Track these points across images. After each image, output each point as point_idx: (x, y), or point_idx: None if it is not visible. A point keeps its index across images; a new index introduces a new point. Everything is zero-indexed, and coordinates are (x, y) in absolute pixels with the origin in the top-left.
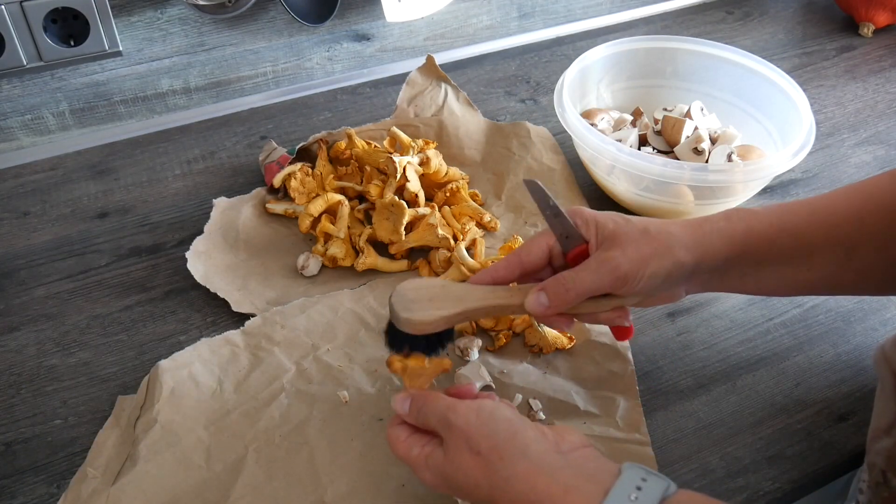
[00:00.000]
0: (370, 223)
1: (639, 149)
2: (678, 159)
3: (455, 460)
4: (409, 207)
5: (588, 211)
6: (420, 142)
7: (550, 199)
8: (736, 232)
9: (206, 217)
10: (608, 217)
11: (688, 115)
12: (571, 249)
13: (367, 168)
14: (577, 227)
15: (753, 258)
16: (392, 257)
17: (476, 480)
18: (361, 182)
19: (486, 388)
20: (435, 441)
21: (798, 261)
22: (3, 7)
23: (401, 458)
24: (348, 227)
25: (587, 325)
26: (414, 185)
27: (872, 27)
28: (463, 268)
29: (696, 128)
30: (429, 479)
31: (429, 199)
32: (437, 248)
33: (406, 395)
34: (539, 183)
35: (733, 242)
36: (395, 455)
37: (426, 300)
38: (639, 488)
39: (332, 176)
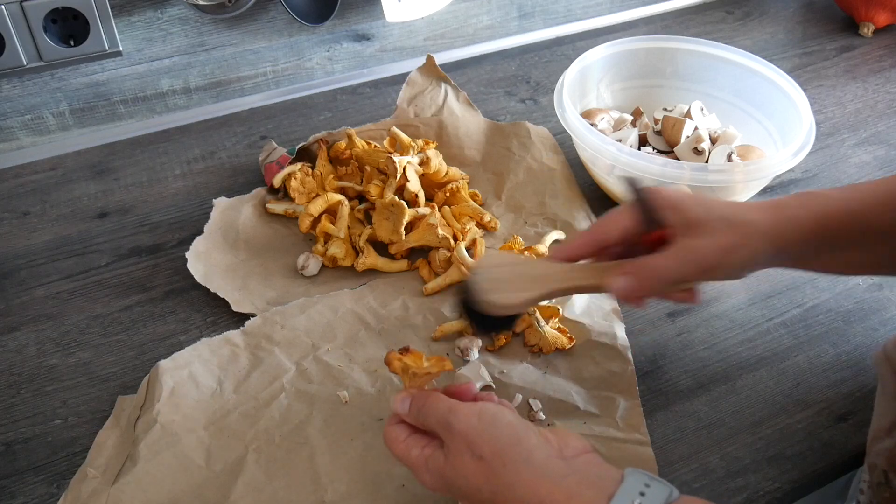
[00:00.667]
0: (370, 223)
1: (639, 149)
2: (678, 159)
3: (456, 464)
4: (409, 207)
5: (671, 193)
6: (420, 142)
7: (640, 183)
8: (812, 219)
9: (206, 217)
10: (692, 202)
11: (688, 115)
12: (652, 232)
13: (367, 168)
14: (659, 209)
15: (826, 244)
16: (392, 257)
17: (478, 485)
18: (361, 182)
19: (486, 388)
20: (435, 443)
21: (867, 244)
22: (3, 7)
23: (399, 459)
24: (348, 227)
25: (587, 325)
26: (414, 185)
27: (872, 27)
28: (463, 268)
29: (696, 128)
30: (429, 481)
31: (429, 199)
32: (437, 248)
33: (406, 395)
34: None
35: (809, 230)
36: (394, 455)
37: (507, 281)
38: (642, 494)
39: (332, 176)
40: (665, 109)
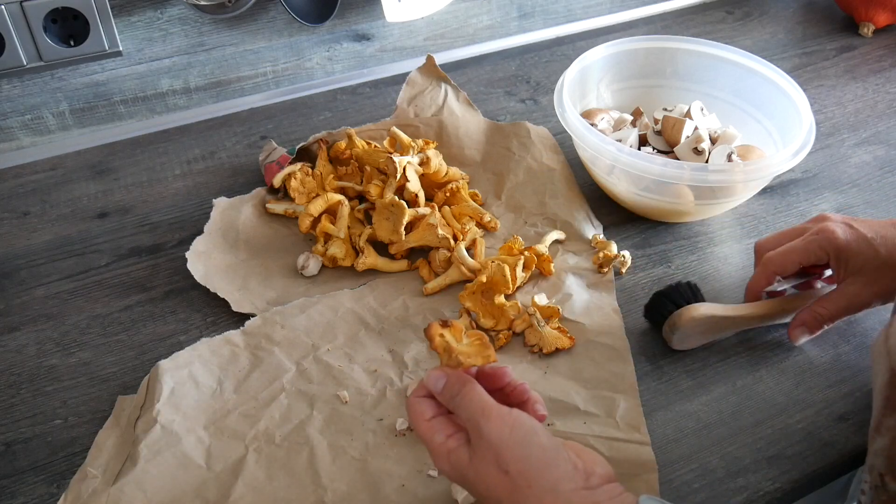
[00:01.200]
0: (370, 223)
1: (639, 149)
2: (678, 159)
3: (480, 470)
4: (409, 207)
5: (839, 240)
6: (420, 142)
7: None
8: None
9: (206, 217)
10: (856, 250)
11: (688, 115)
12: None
13: (367, 168)
14: (824, 255)
15: None
16: (392, 257)
17: (498, 497)
18: (361, 182)
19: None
20: (461, 435)
21: None
22: (3, 7)
23: (418, 435)
24: (348, 227)
25: (587, 325)
26: (414, 185)
27: (872, 27)
28: (463, 268)
29: (696, 128)
30: (446, 470)
31: (429, 199)
32: (437, 248)
33: (442, 374)
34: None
35: None
36: (413, 428)
37: (699, 334)
38: None
39: (332, 176)
40: (665, 109)
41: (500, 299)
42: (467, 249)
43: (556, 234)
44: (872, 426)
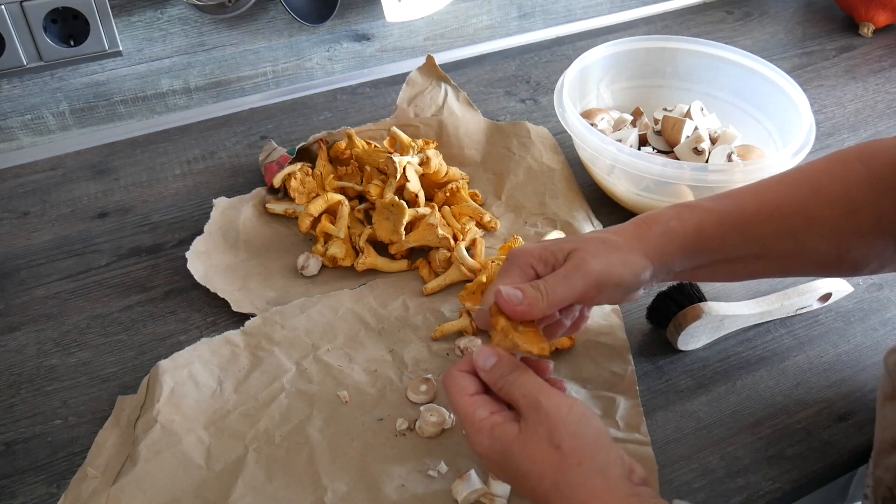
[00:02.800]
0: (370, 223)
1: (639, 149)
2: (678, 159)
3: (529, 444)
4: (409, 207)
5: (532, 248)
6: (420, 142)
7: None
8: (687, 233)
9: (206, 217)
10: (564, 241)
11: (688, 115)
12: None
13: (367, 168)
14: (526, 266)
15: (705, 255)
16: (392, 257)
17: (542, 472)
18: (361, 182)
19: None
20: (508, 414)
21: (750, 253)
22: (3, 7)
23: (457, 410)
24: (348, 227)
25: (587, 325)
26: (414, 185)
27: (872, 27)
28: (463, 268)
29: (696, 128)
30: (485, 446)
31: (429, 199)
32: (437, 248)
33: (493, 352)
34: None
35: (685, 243)
36: (452, 403)
37: (704, 333)
38: None
39: (332, 176)
40: (665, 109)
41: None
42: (467, 249)
43: (556, 234)
44: (882, 439)
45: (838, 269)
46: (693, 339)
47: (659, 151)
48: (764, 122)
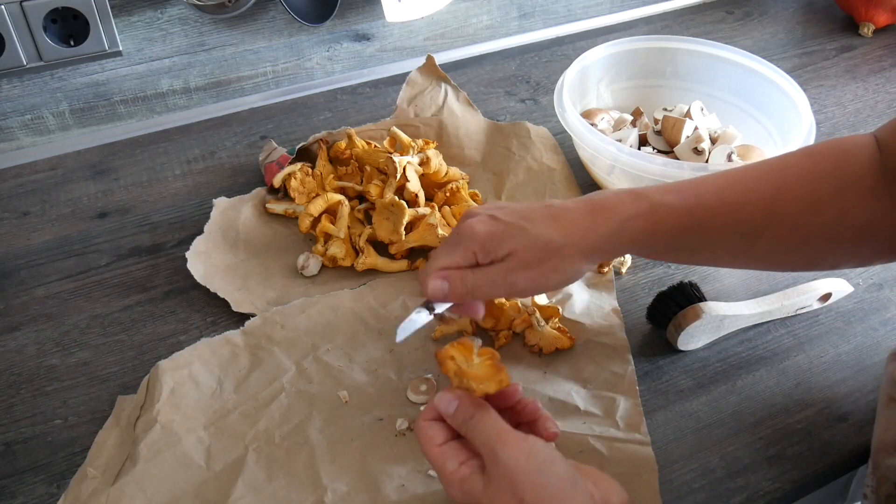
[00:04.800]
0: (370, 223)
1: (639, 149)
2: (678, 159)
3: (495, 499)
4: (409, 207)
5: (479, 234)
6: (420, 142)
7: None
8: (642, 231)
9: (206, 217)
10: (500, 238)
11: (688, 115)
12: None
13: (367, 168)
14: (469, 253)
15: (653, 248)
16: (392, 257)
17: None
18: (361, 182)
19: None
20: (474, 462)
21: (702, 249)
22: (3, 7)
23: (429, 461)
24: (348, 227)
25: (587, 325)
26: (414, 185)
27: (872, 27)
28: None
29: (696, 128)
30: (458, 497)
31: (429, 199)
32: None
33: (453, 396)
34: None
35: (636, 241)
36: (424, 454)
37: (704, 333)
38: None
39: (332, 176)
40: (665, 109)
41: (500, 299)
42: None
43: None
44: (883, 440)
45: (791, 265)
46: (693, 339)
47: (659, 151)
48: (764, 122)
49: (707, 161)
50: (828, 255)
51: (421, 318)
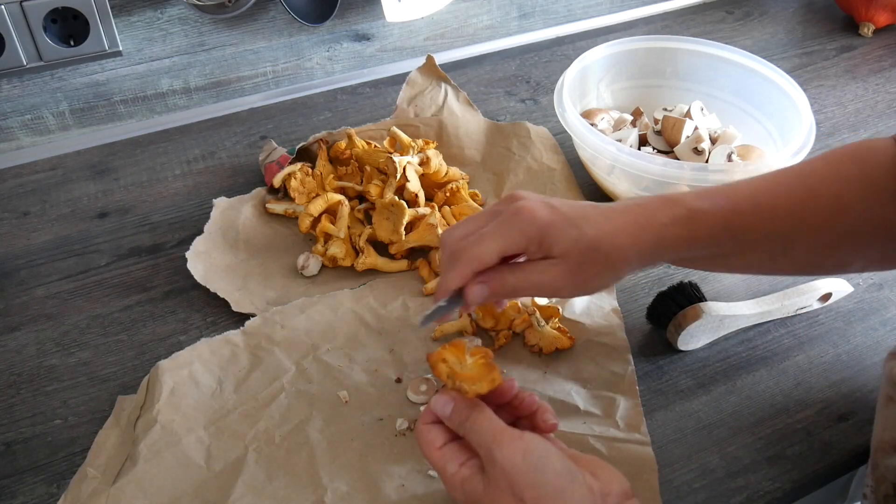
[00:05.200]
0: (370, 223)
1: (639, 149)
2: (678, 159)
3: (495, 499)
4: (409, 207)
5: (541, 220)
6: (420, 142)
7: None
8: (682, 238)
9: (206, 217)
10: (560, 231)
11: (688, 115)
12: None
13: (367, 168)
14: (524, 239)
15: (690, 253)
16: (392, 257)
17: None
18: (361, 182)
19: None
20: (474, 462)
21: (737, 253)
22: (3, 7)
23: (431, 464)
24: (348, 227)
25: (587, 325)
26: (414, 185)
27: (872, 27)
28: None
29: (696, 128)
30: (460, 499)
31: (429, 199)
32: (437, 248)
33: (448, 398)
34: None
35: (677, 247)
36: (426, 457)
37: (704, 333)
38: None
39: (332, 176)
40: (665, 109)
41: None
42: None
43: None
44: (882, 439)
45: (821, 269)
46: (693, 339)
47: (659, 151)
48: (764, 122)
49: (707, 161)
50: (857, 259)
51: (448, 306)
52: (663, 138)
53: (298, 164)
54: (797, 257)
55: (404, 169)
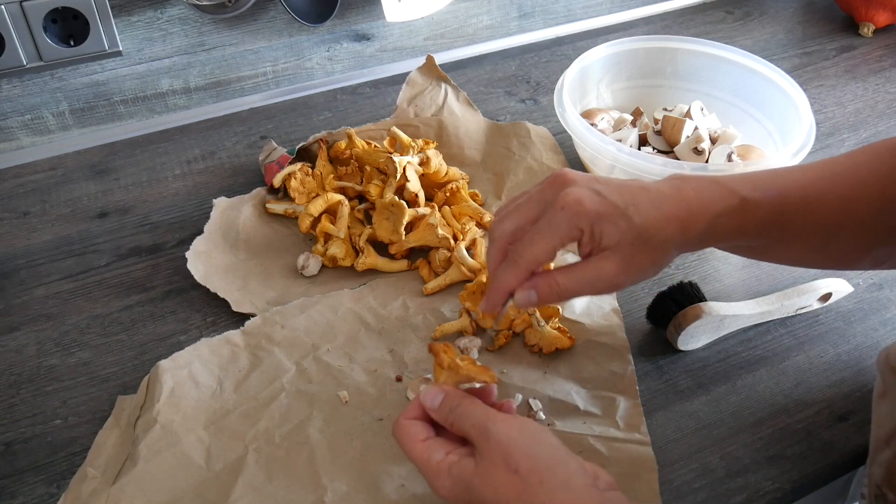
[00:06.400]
0: (370, 223)
1: (639, 149)
2: (678, 159)
3: (488, 474)
4: (409, 207)
5: (590, 212)
6: (420, 142)
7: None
8: (731, 229)
9: (206, 217)
10: (610, 222)
11: (688, 115)
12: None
13: (367, 168)
14: (577, 232)
15: (739, 244)
16: (392, 257)
17: (506, 499)
18: (361, 182)
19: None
20: (463, 450)
21: (777, 245)
22: (3, 7)
23: (412, 458)
24: (348, 227)
25: (587, 325)
26: (414, 185)
27: (872, 27)
28: (463, 268)
29: (696, 128)
30: (448, 487)
31: (429, 199)
32: (437, 248)
33: (438, 390)
34: None
35: (724, 239)
36: (406, 452)
37: (704, 333)
38: None
39: (332, 176)
40: (665, 109)
41: None
42: (467, 249)
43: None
44: (877, 437)
45: (860, 264)
46: (693, 339)
47: (659, 151)
48: (764, 122)
49: (707, 161)
50: (892, 255)
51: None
52: (663, 138)
53: (298, 164)
54: (839, 251)
55: (404, 169)
